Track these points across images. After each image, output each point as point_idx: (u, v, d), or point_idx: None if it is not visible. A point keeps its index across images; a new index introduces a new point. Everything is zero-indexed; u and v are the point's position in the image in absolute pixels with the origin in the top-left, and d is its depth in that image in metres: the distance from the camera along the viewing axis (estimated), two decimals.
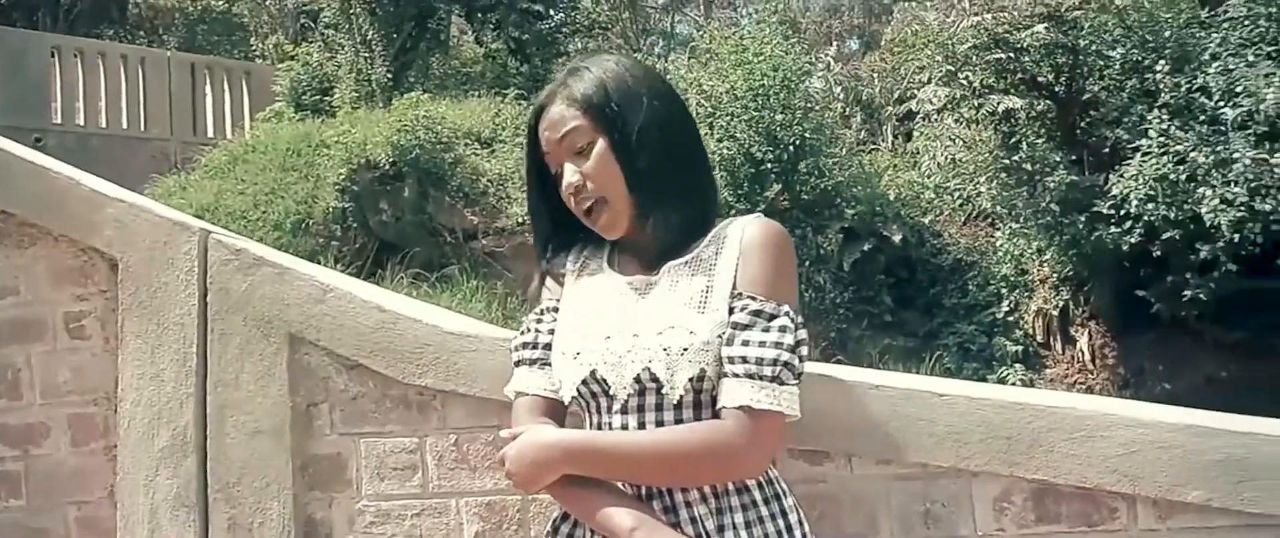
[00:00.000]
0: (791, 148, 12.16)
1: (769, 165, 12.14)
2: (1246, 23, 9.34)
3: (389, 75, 15.45)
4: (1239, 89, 8.89)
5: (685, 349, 1.66)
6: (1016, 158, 10.21)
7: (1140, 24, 9.53)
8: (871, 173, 13.38)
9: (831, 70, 18.01)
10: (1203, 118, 9.14)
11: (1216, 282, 9.11)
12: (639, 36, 24.56)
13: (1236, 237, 8.69)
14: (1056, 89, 10.08)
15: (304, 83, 15.75)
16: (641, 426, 1.69)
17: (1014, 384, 10.74)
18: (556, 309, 1.84)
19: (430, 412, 2.20)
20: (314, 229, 11.36)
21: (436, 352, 2.17)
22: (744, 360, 1.64)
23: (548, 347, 1.82)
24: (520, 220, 12.15)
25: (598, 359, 1.71)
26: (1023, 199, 10.04)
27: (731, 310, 1.68)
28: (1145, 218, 9.04)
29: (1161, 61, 9.36)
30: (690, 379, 1.66)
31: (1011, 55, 9.75)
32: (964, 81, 10.31)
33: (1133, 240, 9.24)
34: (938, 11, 14.05)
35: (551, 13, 18.77)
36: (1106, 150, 9.74)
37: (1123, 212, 9.22)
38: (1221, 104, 8.99)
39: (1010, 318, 11.76)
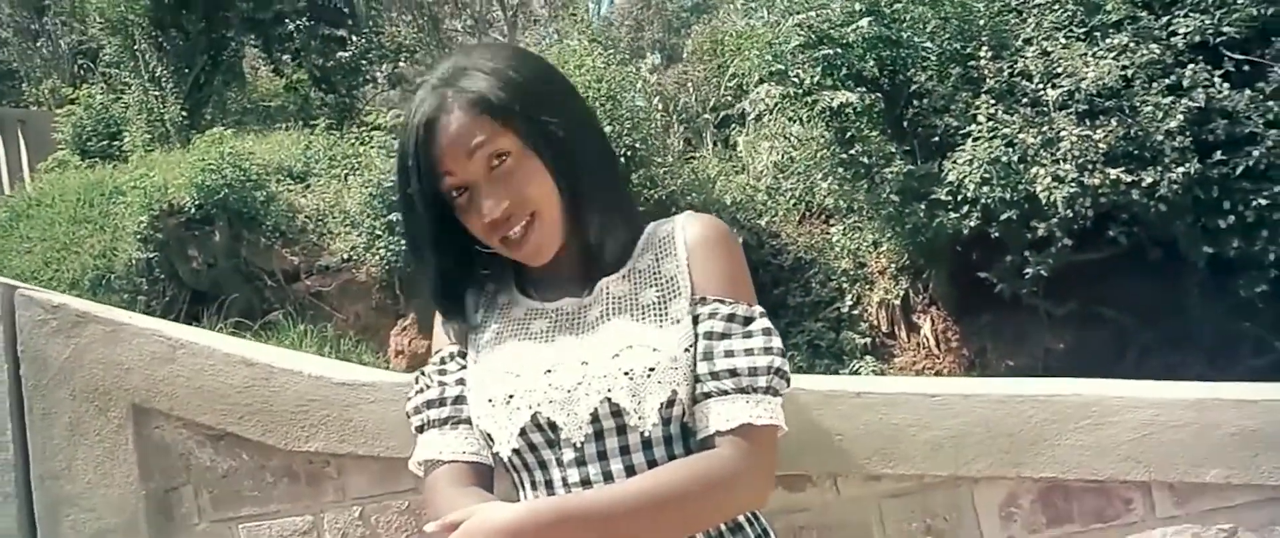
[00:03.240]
0: (622, 160, 12.00)
1: None
2: (1056, 7, 9.68)
3: (184, 113, 14.52)
4: (1058, 70, 9.19)
5: (651, 369, 1.34)
6: (852, 152, 10.33)
7: (955, 14, 9.80)
8: (704, 180, 13.36)
9: (648, 82, 18.04)
10: (1026, 100, 9.41)
11: (1053, 257, 9.39)
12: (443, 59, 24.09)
13: (1070, 212, 8.97)
14: (882, 82, 10.26)
15: (88, 128, 14.62)
16: (608, 476, 1.34)
17: (868, 375, 10.88)
18: (462, 355, 1.49)
19: (324, 482, 1.82)
20: (116, 284, 10.42)
21: (325, 408, 1.78)
22: (733, 373, 1.35)
23: (459, 401, 1.46)
24: (345, 257, 11.56)
25: (539, 399, 1.36)
26: (863, 192, 10.15)
27: (696, 320, 1.39)
28: (982, 201, 9.24)
29: (983, 49, 9.63)
30: (661, 405, 1.34)
31: (838, 51, 9.87)
32: (794, 80, 10.38)
33: (972, 224, 9.44)
34: (747, 16, 14.23)
35: (354, 38, 18.20)
36: (936, 139, 9.95)
37: (960, 196, 9.40)
38: (1042, 86, 9.29)
39: (855, 311, 11.90)
